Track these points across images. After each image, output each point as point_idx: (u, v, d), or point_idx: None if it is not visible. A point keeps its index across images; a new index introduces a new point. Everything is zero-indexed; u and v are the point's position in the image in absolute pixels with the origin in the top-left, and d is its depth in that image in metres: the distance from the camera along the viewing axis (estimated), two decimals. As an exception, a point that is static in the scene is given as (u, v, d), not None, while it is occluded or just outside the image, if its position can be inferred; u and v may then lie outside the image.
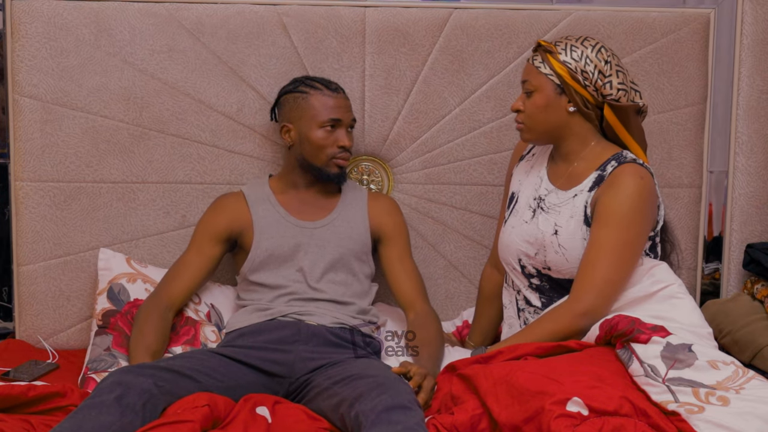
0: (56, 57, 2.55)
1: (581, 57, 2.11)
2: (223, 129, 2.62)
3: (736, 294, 2.67)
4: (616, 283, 2.06)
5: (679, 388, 1.81)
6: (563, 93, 2.13)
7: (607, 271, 2.05)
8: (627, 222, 2.06)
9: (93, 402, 1.87)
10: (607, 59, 2.13)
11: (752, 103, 2.71)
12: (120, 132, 2.59)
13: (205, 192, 2.63)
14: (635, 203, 2.06)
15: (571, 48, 2.13)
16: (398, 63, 2.62)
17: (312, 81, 2.44)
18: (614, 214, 2.06)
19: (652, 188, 2.11)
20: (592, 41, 2.15)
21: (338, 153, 2.41)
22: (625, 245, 2.06)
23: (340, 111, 2.41)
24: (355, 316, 2.37)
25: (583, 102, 2.13)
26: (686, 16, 2.66)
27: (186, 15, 2.58)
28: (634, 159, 2.13)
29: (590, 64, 2.11)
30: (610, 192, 2.08)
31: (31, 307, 2.61)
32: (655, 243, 2.18)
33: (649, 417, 1.74)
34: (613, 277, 2.05)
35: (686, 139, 2.69)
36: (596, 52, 2.12)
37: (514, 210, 2.28)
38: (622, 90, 2.13)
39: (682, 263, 2.68)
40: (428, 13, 2.62)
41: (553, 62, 2.12)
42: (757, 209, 2.74)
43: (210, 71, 2.59)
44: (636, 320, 1.95)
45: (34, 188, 2.58)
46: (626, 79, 2.14)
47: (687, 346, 1.88)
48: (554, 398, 1.74)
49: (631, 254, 2.07)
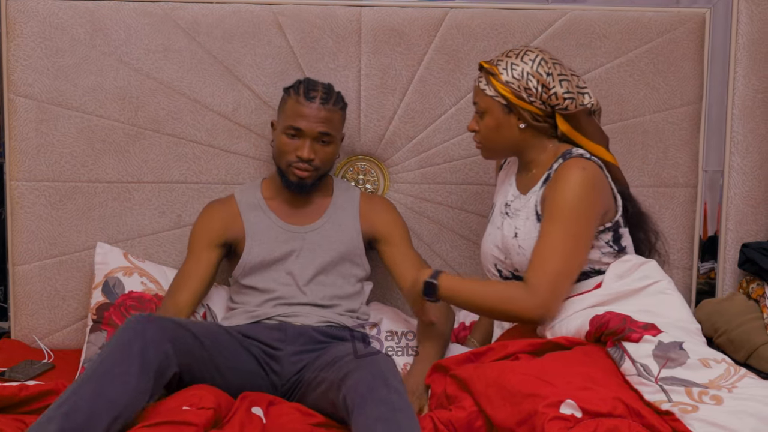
0: (51, 56, 2.54)
1: (522, 75, 2.13)
2: (218, 128, 2.61)
3: (731, 293, 2.68)
4: (566, 276, 2.07)
5: (672, 387, 1.81)
6: (511, 112, 2.16)
7: (558, 264, 2.05)
8: (572, 214, 2.07)
9: (118, 350, 1.92)
10: (548, 71, 2.14)
11: (747, 102, 2.71)
12: (115, 131, 2.59)
13: (200, 192, 2.63)
14: (578, 195, 2.07)
15: (511, 67, 2.14)
16: (394, 62, 2.62)
17: (301, 85, 2.40)
18: (559, 208, 2.07)
19: (596, 178, 2.11)
20: (531, 54, 2.15)
21: (295, 162, 2.37)
22: (573, 237, 2.07)
23: (305, 121, 2.34)
24: (342, 314, 2.38)
25: (532, 117, 2.15)
26: (681, 16, 2.66)
27: (181, 14, 2.57)
28: (581, 154, 2.15)
29: (532, 80, 2.13)
30: (554, 187, 2.11)
31: (26, 307, 2.60)
32: (618, 234, 2.17)
33: (642, 417, 1.74)
34: (564, 269, 2.06)
35: (682, 138, 2.69)
36: (537, 65, 2.13)
37: (491, 218, 2.32)
38: (569, 98, 2.14)
39: (675, 262, 2.69)
40: (424, 12, 2.62)
41: (496, 84, 2.15)
42: (752, 208, 2.75)
43: (206, 71, 2.59)
44: (627, 318, 1.95)
45: (30, 188, 2.58)
46: (571, 85, 2.16)
47: (678, 344, 1.88)
48: (547, 400, 1.74)
49: (579, 245, 2.08)
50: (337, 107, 2.40)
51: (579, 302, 2.08)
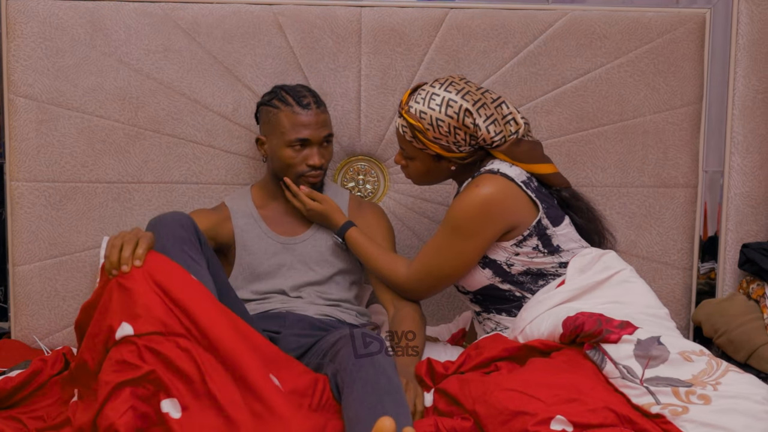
0: (51, 57, 2.54)
1: (450, 130, 2.14)
2: (218, 129, 2.61)
3: (731, 294, 2.67)
4: (435, 276, 2.22)
5: (658, 388, 1.80)
6: (442, 159, 2.20)
7: (430, 263, 2.22)
8: (454, 228, 2.15)
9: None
10: (473, 121, 2.14)
11: (747, 102, 2.71)
12: (115, 132, 2.59)
13: (200, 192, 2.63)
14: (465, 212, 2.13)
15: (437, 123, 2.14)
16: (394, 63, 2.62)
17: (286, 95, 2.38)
18: (447, 218, 2.17)
19: (494, 199, 2.12)
20: (454, 104, 2.12)
21: (307, 171, 2.37)
22: (449, 248, 2.17)
23: (309, 130, 2.34)
24: (342, 311, 2.38)
25: (462, 159, 2.19)
26: (682, 16, 2.66)
27: (181, 15, 2.57)
28: (489, 170, 2.16)
29: (460, 133, 2.14)
30: (456, 199, 2.18)
31: (26, 307, 2.60)
32: (546, 236, 2.17)
33: (634, 423, 1.73)
34: (434, 270, 2.22)
35: (682, 138, 2.69)
36: (463, 115, 2.12)
37: None
38: (498, 137, 2.16)
39: (675, 262, 2.69)
40: (424, 12, 2.62)
41: (423, 140, 2.17)
42: (752, 209, 2.75)
43: (206, 71, 2.59)
44: (602, 318, 1.93)
45: (30, 188, 2.58)
46: (497, 124, 2.16)
47: (656, 338, 1.87)
48: (536, 418, 1.72)
49: (454, 256, 2.17)
50: (324, 105, 2.41)
51: (546, 301, 2.08)
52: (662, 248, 2.72)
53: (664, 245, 2.72)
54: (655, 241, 2.72)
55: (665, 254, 2.73)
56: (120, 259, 1.80)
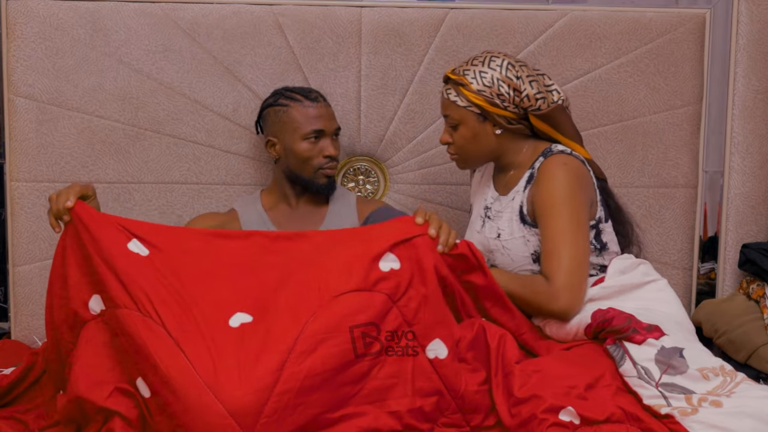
0: (52, 57, 2.54)
1: (493, 81, 2.13)
2: (218, 129, 2.61)
3: (731, 294, 2.67)
4: (579, 263, 2.06)
5: (672, 394, 1.83)
6: (486, 120, 2.16)
7: (570, 250, 2.06)
8: (566, 205, 2.08)
9: None
10: (517, 74, 2.15)
11: (747, 103, 2.71)
12: (115, 132, 2.59)
13: (200, 192, 2.63)
14: (567, 187, 2.09)
15: (480, 75, 2.14)
16: (394, 63, 2.62)
17: (291, 93, 2.42)
18: (553, 203, 2.09)
19: (578, 170, 2.13)
20: (497, 59, 2.16)
21: (325, 163, 2.40)
22: (575, 226, 2.08)
23: (322, 121, 2.39)
24: None
25: (507, 121, 2.17)
26: (682, 17, 2.66)
27: (182, 15, 2.57)
28: (561, 150, 2.17)
29: (503, 86, 2.13)
30: (541, 185, 2.13)
31: (26, 308, 2.60)
32: (599, 230, 2.18)
33: (641, 421, 1.75)
34: (575, 256, 2.06)
35: (682, 139, 2.69)
36: (505, 70, 2.14)
37: (470, 221, 2.34)
38: (541, 98, 2.16)
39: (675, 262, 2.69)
40: (424, 13, 2.62)
41: (467, 94, 2.15)
42: (752, 209, 2.75)
43: (206, 71, 2.59)
44: (632, 317, 1.95)
45: (30, 188, 2.58)
46: (540, 85, 2.17)
47: (679, 350, 1.89)
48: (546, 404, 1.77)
49: (582, 233, 2.09)
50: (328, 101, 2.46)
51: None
52: (662, 248, 2.72)
53: (664, 245, 2.72)
54: (655, 241, 2.72)
55: (665, 254, 2.73)
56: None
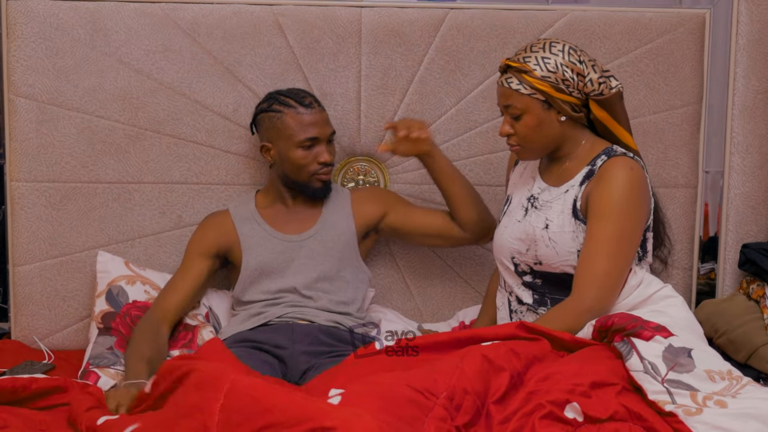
0: (52, 57, 2.54)
1: (557, 66, 2.10)
2: (218, 129, 2.61)
3: (731, 294, 2.67)
4: (615, 276, 2.06)
5: (677, 390, 1.82)
6: (551, 107, 2.13)
7: (606, 264, 2.05)
8: (620, 214, 2.06)
9: None
10: (579, 58, 2.12)
11: (748, 103, 2.71)
12: (116, 132, 2.59)
13: (200, 192, 2.63)
14: (626, 195, 2.07)
15: (543, 61, 2.11)
16: (394, 63, 2.62)
17: (285, 98, 2.40)
18: (607, 207, 2.06)
19: (643, 180, 2.11)
20: (557, 45, 2.13)
21: (320, 169, 2.40)
22: (620, 237, 2.06)
23: (316, 128, 2.38)
24: (351, 318, 2.38)
25: (571, 108, 2.13)
26: (682, 17, 2.66)
27: (182, 15, 2.57)
28: (624, 153, 2.15)
29: (567, 70, 2.10)
30: (601, 185, 2.09)
31: (26, 308, 2.60)
32: (645, 238, 2.18)
33: (644, 420, 1.74)
34: (612, 270, 2.06)
35: (682, 139, 2.69)
36: (567, 55, 2.11)
37: (508, 211, 2.30)
38: (603, 82, 2.13)
39: (675, 262, 2.69)
40: (424, 13, 2.62)
41: (532, 81, 2.11)
42: (752, 209, 2.75)
43: (206, 71, 2.59)
44: (639, 318, 1.95)
45: (30, 188, 2.58)
46: (600, 69, 2.15)
47: (687, 350, 1.89)
48: (552, 396, 1.77)
49: (627, 246, 2.08)
50: (322, 105, 2.45)
51: None
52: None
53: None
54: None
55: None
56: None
